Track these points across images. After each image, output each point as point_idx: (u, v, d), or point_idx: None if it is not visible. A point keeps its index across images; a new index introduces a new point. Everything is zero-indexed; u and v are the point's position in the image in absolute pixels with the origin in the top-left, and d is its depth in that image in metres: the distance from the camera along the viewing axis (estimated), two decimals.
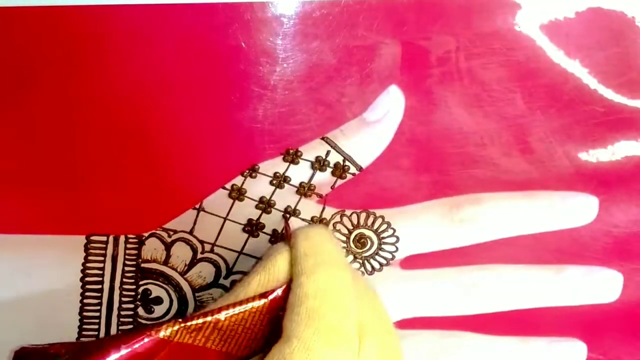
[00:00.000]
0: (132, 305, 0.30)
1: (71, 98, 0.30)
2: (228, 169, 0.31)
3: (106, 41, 0.30)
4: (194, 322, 0.23)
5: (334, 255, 0.26)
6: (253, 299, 0.24)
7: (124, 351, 0.23)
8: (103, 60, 0.30)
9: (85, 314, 0.29)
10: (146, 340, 0.23)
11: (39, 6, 0.29)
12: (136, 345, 0.23)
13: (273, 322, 0.24)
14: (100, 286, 0.30)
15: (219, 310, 0.24)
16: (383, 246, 0.31)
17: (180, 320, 0.23)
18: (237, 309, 0.24)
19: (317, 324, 0.23)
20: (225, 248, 0.30)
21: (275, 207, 0.30)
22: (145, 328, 0.23)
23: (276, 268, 0.25)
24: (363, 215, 0.31)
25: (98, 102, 0.30)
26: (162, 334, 0.23)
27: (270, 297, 0.24)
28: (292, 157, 0.31)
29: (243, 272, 0.30)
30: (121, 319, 0.30)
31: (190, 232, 0.30)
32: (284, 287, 0.24)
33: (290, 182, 0.31)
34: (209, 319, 0.23)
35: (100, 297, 0.30)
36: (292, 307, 0.23)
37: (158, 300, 0.30)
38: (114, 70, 0.30)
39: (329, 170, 0.31)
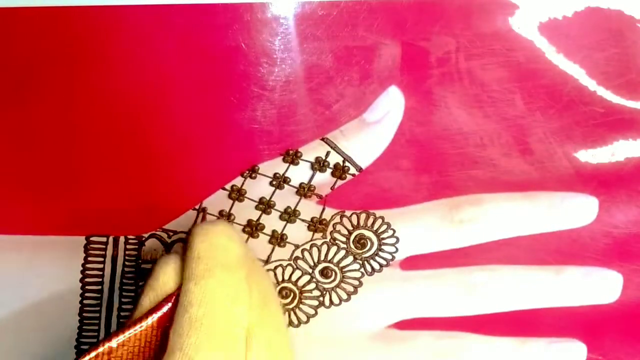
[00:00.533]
0: (132, 306, 0.30)
1: (71, 98, 0.30)
2: (228, 169, 0.31)
3: (106, 42, 0.30)
4: (89, 356, 0.22)
5: (229, 256, 0.24)
6: (145, 317, 0.23)
7: None
8: (103, 61, 0.30)
9: (85, 314, 0.29)
10: None
11: (39, 7, 0.29)
12: None
13: (164, 335, 0.23)
14: (100, 287, 0.30)
15: (110, 338, 0.23)
16: (383, 247, 0.31)
17: (84, 353, 0.23)
18: (128, 333, 0.23)
19: (198, 333, 0.22)
20: None
21: (275, 208, 0.31)
22: None
23: (161, 284, 0.24)
24: (363, 216, 0.31)
25: (98, 102, 0.30)
26: None
27: (160, 312, 0.23)
28: (292, 157, 0.31)
29: None
30: (121, 320, 0.30)
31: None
32: (173, 297, 0.23)
33: (290, 183, 0.31)
34: (100, 349, 0.23)
35: (100, 298, 0.30)
36: (177, 317, 0.23)
37: None
38: (114, 71, 0.30)
39: (329, 171, 0.31)
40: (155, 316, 0.23)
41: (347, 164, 0.31)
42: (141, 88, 0.30)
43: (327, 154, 0.31)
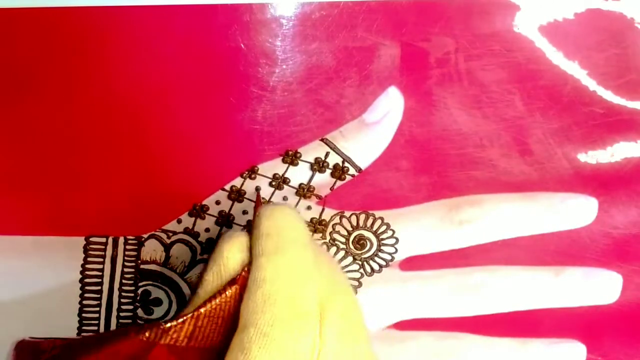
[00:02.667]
0: (131, 307, 0.30)
1: (70, 99, 0.30)
2: (227, 170, 0.31)
3: (105, 42, 0.30)
4: (172, 324, 0.23)
5: (297, 235, 0.24)
6: (224, 288, 0.23)
7: (103, 352, 0.22)
8: (102, 61, 0.30)
9: (84, 315, 0.29)
10: (129, 340, 0.23)
11: (39, 7, 0.29)
12: (119, 346, 0.23)
13: (235, 311, 0.24)
14: (99, 287, 0.30)
15: (197, 308, 0.23)
16: (382, 247, 0.31)
17: (159, 322, 0.23)
18: (212, 303, 0.23)
19: (273, 309, 0.22)
20: None
21: None
22: (125, 329, 0.23)
23: (226, 259, 0.24)
24: (362, 217, 0.31)
25: (97, 103, 0.30)
26: (142, 336, 0.23)
27: (235, 285, 0.23)
28: (292, 158, 0.31)
29: None
30: (120, 321, 0.30)
31: (190, 234, 0.30)
32: (246, 270, 0.24)
33: (290, 184, 0.31)
34: (187, 317, 0.23)
35: (100, 299, 0.30)
36: (249, 293, 0.23)
37: (157, 302, 0.30)
38: (114, 71, 0.30)
39: (328, 171, 0.31)
40: (238, 288, 0.23)
41: (346, 164, 0.31)
42: (141, 88, 0.30)
43: (327, 154, 0.31)
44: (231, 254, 0.24)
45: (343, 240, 0.31)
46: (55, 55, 0.30)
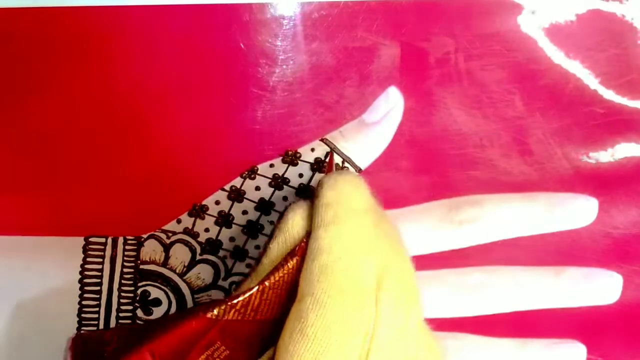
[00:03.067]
0: (130, 307, 0.30)
1: (70, 99, 0.30)
2: (227, 170, 0.31)
3: (105, 42, 0.30)
4: (240, 299, 0.23)
5: (357, 204, 0.24)
6: (285, 260, 0.24)
7: (172, 333, 0.23)
8: (102, 61, 0.30)
9: (83, 315, 0.29)
10: (197, 319, 0.23)
11: (40, 7, 0.29)
12: (185, 327, 0.23)
13: (294, 282, 0.24)
14: (98, 288, 0.30)
15: (262, 282, 0.23)
16: None
17: (226, 299, 0.23)
18: (276, 275, 0.23)
19: (330, 279, 0.22)
20: (225, 249, 0.30)
21: (275, 208, 0.30)
22: (193, 309, 0.23)
23: (291, 227, 0.24)
24: None
25: (97, 103, 0.30)
26: (210, 314, 0.23)
27: (296, 256, 0.24)
28: (291, 158, 0.31)
29: (242, 274, 0.30)
30: (120, 321, 0.30)
31: (189, 234, 0.30)
32: (305, 240, 0.24)
33: (290, 184, 0.31)
34: (253, 290, 0.23)
35: (99, 299, 0.30)
36: (307, 263, 0.23)
37: (157, 302, 0.30)
38: (114, 71, 0.30)
39: None
40: (298, 259, 0.24)
41: (346, 164, 0.31)
42: (140, 89, 0.30)
43: (327, 154, 0.31)
44: (295, 222, 0.24)
45: None
46: (55, 55, 0.30)
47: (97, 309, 0.30)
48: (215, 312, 0.23)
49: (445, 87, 0.31)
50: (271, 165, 0.31)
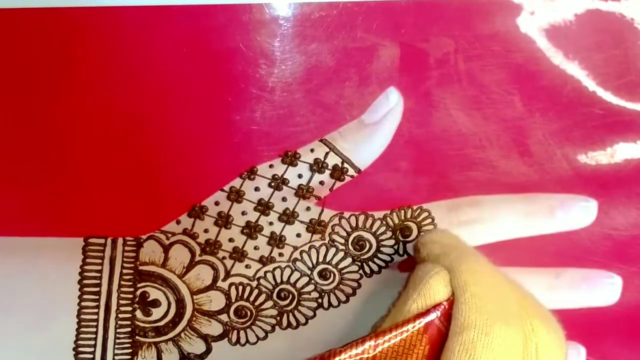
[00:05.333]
0: (130, 308, 0.30)
1: (69, 100, 0.30)
2: (226, 171, 0.31)
3: (104, 43, 0.30)
4: (354, 350, 0.23)
5: (469, 247, 0.27)
6: (409, 320, 0.24)
7: None
8: (102, 61, 0.30)
9: (82, 316, 0.29)
10: None
11: (40, 7, 0.29)
12: None
13: (436, 342, 0.24)
14: (98, 289, 0.30)
15: (377, 335, 0.23)
16: (381, 249, 0.31)
17: (341, 349, 0.23)
18: (395, 332, 0.24)
19: (488, 308, 0.23)
20: (224, 250, 0.30)
21: (274, 209, 0.30)
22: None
23: (432, 291, 0.24)
24: (362, 218, 0.31)
25: (96, 103, 0.30)
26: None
27: (428, 318, 0.24)
28: (291, 159, 0.31)
29: (241, 275, 0.30)
30: (119, 322, 0.30)
31: (189, 235, 0.30)
32: (442, 305, 0.24)
33: (289, 185, 0.31)
34: (369, 344, 0.23)
35: (98, 300, 0.30)
36: (456, 298, 0.23)
37: (156, 303, 0.30)
38: (112, 72, 0.30)
39: (328, 172, 0.31)
40: (423, 321, 0.24)
41: (345, 165, 0.31)
42: (140, 89, 0.30)
43: (326, 155, 0.31)
44: (435, 285, 0.24)
45: (342, 241, 0.31)
46: (55, 55, 0.30)
47: (96, 309, 0.30)
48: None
49: (444, 87, 0.31)
50: (270, 166, 0.31)
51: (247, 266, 0.30)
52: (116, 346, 0.30)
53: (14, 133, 0.30)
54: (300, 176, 0.31)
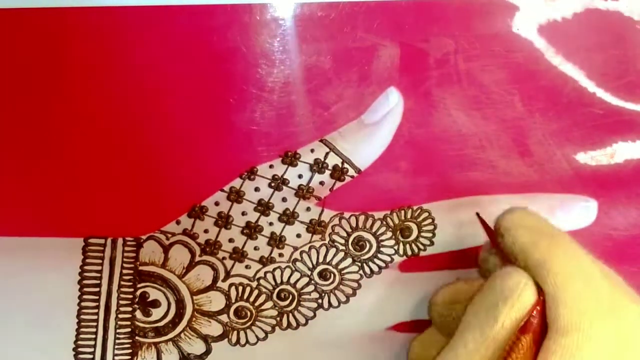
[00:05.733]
0: (129, 308, 0.30)
1: (69, 99, 0.30)
2: (226, 171, 0.31)
3: (104, 43, 0.30)
4: None
5: (558, 231, 0.25)
6: (517, 338, 0.23)
7: None
8: (102, 61, 0.30)
9: (82, 317, 0.29)
10: None
11: (40, 7, 0.29)
12: None
13: (537, 343, 0.23)
14: (97, 289, 0.30)
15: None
16: (381, 249, 0.31)
17: None
18: (514, 356, 0.23)
19: (588, 308, 0.22)
20: (224, 251, 0.30)
21: (274, 209, 0.30)
22: None
23: (524, 304, 0.23)
24: (362, 218, 0.31)
25: (96, 104, 0.30)
26: None
27: (531, 328, 0.23)
28: (291, 159, 0.31)
29: (241, 276, 0.30)
30: (119, 322, 0.30)
31: (189, 235, 0.30)
32: (536, 309, 0.23)
33: (289, 185, 0.31)
34: None
35: (98, 300, 0.30)
36: (555, 299, 0.23)
37: (156, 304, 0.30)
38: (113, 72, 0.30)
39: (328, 172, 0.31)
40: (531, 335, 0.23)
41: (345, 165, 0.31)
42: (140, 89, 0.30)
43: (326, 155, 0.31)
44: (526, 295, 0.23)
45: (342, 241, 0.31)
46: (55, 55, 0.30)
47: (96, 310, 0.30)
48: None
49: (444, 87, 0.31)
50: (270, 166, 0.31)
51: (247, 266, 0.30)
52: (116, 346, 0.30)
53: (14, 133, 0.30)
54: (300, 176, 0.31)
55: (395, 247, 0.31)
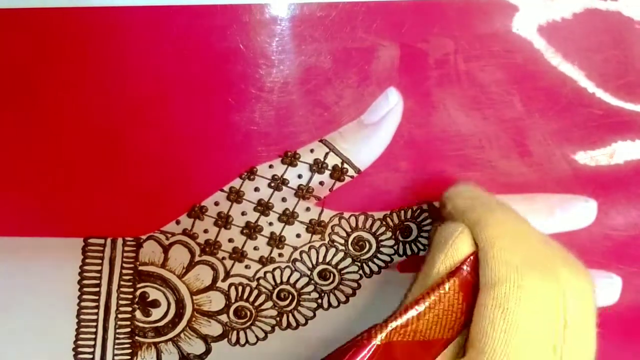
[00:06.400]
0: (129, 309, 0.30)
1: (68, 99, 0.30)
2: (226, 171, 0.31)
3: (104, 43, 0.30)
4: (399, 321, 0.23)
5: (494, 198, 0.26)
6: (442, 281, 0.24)
7: None
8: (102, 61, 0.30)
9: (82, 317, 0.29)
10: (362, 348, 0.23)
11: (40, 7, 0.29)
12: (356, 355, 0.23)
13: (469, 295, 0.24)
14: (97, 289, 0.30)
15: (417, 302, 0.23)
16: (381, 249, 0.31)
17: (385, 323, 0.23)
18: (432, 296, 0.24)
19: (516, 261, 0.23)
20: (224, 251, 0.30)
21: (274, 209, 0.30)
22: (354, 340, 0.23)
23: (458, 251, 0.24)
24: (361, 218, 0.31)
25: (95, 104, 0.30)
26: (374, 341, 0.23)
27: (459, 275, 0.24)
28: (290, 159, 0.31)
29: (241, 276, 0.30)
30: (118, 322, 0.30)
31: (188, 235, 0.30)
32: (470, 259, 0.24)
33: (289, 185, 0.31)
34: (411, 313, 0.23)
35: (98, 300, 0.30)
36: (485, 252, 0.23)
37: (155, 303, 0.30)
38: (113, 71, 0.30)
39: (327, 172, 0.31)
40: (456, 280, 0.24)
41: (345, 165, 0.31)
42: (139, 89, 0.30)
43: (326, 155, 0.31)
44: (461, 244, 0.24)
45: (342, 241, 0.31)
46: (55, 55, 0.30)
47: (96, 310, 0.30)
48: (380, 338, 0.23)
49: (444, 88, 0.31)
50: (270, 166, 0.31)
51: (246, 266, 0.30)
52: (116, 346, 0.30)
53: (14, 133, 0.30)
54: (300, 176, 0.31)
55: (395, 247, 0.31)
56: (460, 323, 0.24)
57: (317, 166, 0.30)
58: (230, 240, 0.30)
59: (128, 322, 0.30)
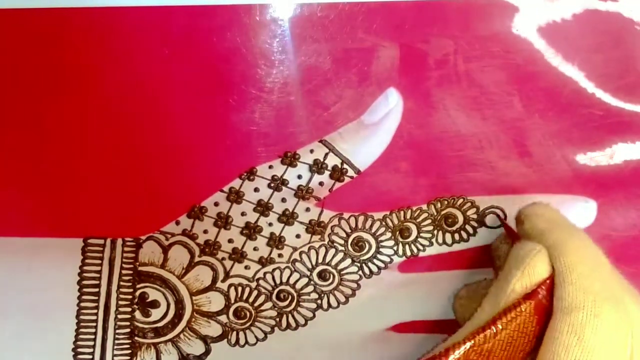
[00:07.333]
0: (129, 309, 0.30)
1: (68, 100, 0.30)
2: (226, 171, 0.31)
3: (103, 44, 0.30)
4: (477, 339, 0.23)
5: (572, 224, 0.27)
6: (519, 302, 0.24)
7: None
8: (101, 62, 0.30)
9: (82, 317, 0.29)
10: None
11: (40, 8, 0.29)
12: None
13: (542, 319, 0.24)
14: (97, 289, 0.30)
15: (494, 321, 0.23)
16: (381, 249, 0.31)
17: (463, 340, 0.23)
18: (509, 316, 0.23)
19: (594, 290, 0.23)
20: (224, 251, 0.30)
21: (273, 210, 0.30)
22: (431, 356, 0.23)
23: (535, 270, 0.24)
24: (361, 219, 0.31)
25: (95, 104, 0.30)
26: (452, 357, 0.23)
27: (535, 299, 0.24)
28: (290, 160, 0.31)
29: (240, 276, 0.30)
30: (118, 323, 0.30)
31: (188, 235, 0.30)
32: (546, 283, 0.24)
33: (288, 185, 0.31)
34: (489, 332, 0.23)
35: (97, 301, 0.30)
36: (563, 277, 0.23)
37: (155, 304, 0.30)
38: (112, 72, 0.30)
39: (327, 173, 0.31)
40: (533, 302, 0.23)
41: (345, 166, 0.31)
42: (139, 90, 0.30)
43: (326, 155, 0.31)
44: (539, 264, 0.24)
45: (342, 242, 0.31)
46: (55, 55, 0.30)
47: (95, 310, 0.30)
48: (457, 355, 0.23)
49: (444, 88, 0.31)
50: (270, 167, 0.31)
51: (246, 267, 0.30)
52: (115, 347, 0.30)
53: (14, 134, 0.30)
54: (299, 177, 0.31)
55: (395, 248, 0.31)
56: (531, 346, 0.24)
57: (317, 167, 0.30)
58: (230, 241, 0.30)
59: (127, 323, 0.30)
